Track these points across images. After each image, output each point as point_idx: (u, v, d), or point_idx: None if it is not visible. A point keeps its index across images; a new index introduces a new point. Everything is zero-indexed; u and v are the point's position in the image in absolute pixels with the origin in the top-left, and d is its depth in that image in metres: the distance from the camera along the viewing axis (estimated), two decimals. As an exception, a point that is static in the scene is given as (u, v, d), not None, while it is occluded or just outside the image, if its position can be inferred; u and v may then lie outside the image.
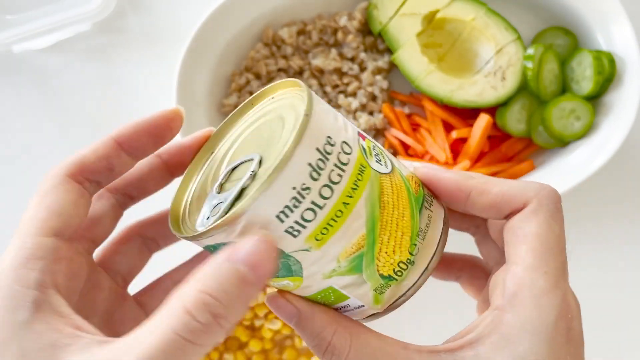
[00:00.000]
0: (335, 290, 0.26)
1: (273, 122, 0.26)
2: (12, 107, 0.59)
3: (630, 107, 0.50)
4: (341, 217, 0.24)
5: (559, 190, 0.50)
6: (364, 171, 0.25)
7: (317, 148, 0.23)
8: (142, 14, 0.60)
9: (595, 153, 0.50)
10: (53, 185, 0.25)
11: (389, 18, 0.54)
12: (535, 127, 0.53)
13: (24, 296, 0.21)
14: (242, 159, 0.26)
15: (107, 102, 0.58)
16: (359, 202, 0.24)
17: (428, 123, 0.55)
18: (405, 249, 0.26)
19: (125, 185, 0.28)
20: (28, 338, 0.21)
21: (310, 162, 0.23)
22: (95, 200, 0.28)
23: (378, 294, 0.26)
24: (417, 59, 0.54)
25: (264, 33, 0.56)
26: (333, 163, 0.24)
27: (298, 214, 0.23)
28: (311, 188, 0.23)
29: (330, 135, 0.24)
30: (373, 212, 0.25)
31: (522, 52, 0.53)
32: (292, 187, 0.23)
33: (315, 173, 0.23)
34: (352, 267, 0.25)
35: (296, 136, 0.23)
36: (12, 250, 0.23)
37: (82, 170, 0.26)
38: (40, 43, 0.58)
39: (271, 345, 0.53)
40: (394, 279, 0.26)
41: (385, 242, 0.25)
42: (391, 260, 0.26)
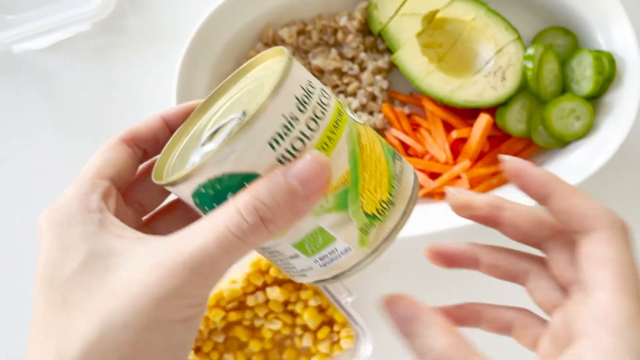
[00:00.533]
0: (323, 231, 0.27)
1: (256, 87, 0.29)
2: (12, 107, 0.59)
3: (630, 107, 0.50)
4: (327, 149, 0.26)
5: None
6: (342, 115, 0.27)
7: (301, 86, 0.26)
8: (142, 14, 0.60)
9: (595, 153, 0.50)
10: (109, 146, 0.30)
11: (389, 18, 0.54)
12: (535, 127, 0.53)
13: (91, 217, 0.26)
14: (226, 119, 0.28)
15: (107, 102, 0.58)
16: (341, 139, 0.26)
17: (428, 123, 0.55)
18: (385, 189, 0.28)
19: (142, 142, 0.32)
20: (98, 242, 0.25)
21: (296, 95, 0.25)
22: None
23: (364, 234, 0.28)
24: (417, 59, 0.54)
25: (264, 33, 0.56)
26: (316, 101, 0.26)
27: (288, 142, 0.25)
28: (299, 119, 0.25)
29: (311, 80, 0.27)
30: (354, 149, 0.27)
31: (522, 52, 0.53)
32: (282, 114, 0.25)
33: (301, 106, 0.25)
34: (338, 203, 0.26)
35: (284, 71, 0.25)
36: (74, 187, 0.28)
37: (134, 138, 0.30)
38: (40, 43, 0.58)
39: (271, 345, 0.53)
40: (378, 218, 0.28)
41: (367, 179, 0.27)
42: (374, 198, 0.27)
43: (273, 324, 0.52)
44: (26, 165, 0.58)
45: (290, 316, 0.52)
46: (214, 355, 0.52)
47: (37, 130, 0.59)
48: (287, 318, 0.52)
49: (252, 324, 0.53)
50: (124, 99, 0.59)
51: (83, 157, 0.61)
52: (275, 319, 0.52)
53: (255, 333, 0.53)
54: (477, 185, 0.53)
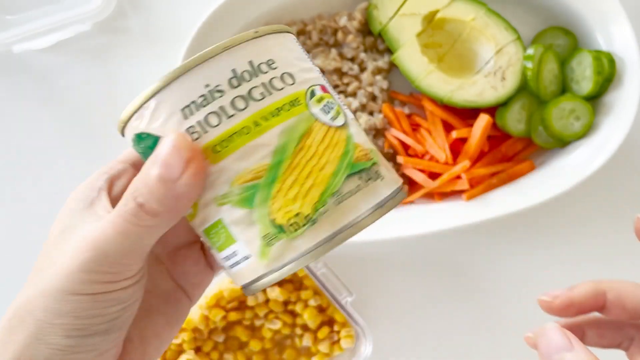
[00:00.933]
0: (224, 228, 0.25)
1: None
2: (12, 107, 0.59)
3: (630, 107, 0.50)
4: (247, 135, 0.24)
5: (559, 190, 0.50)
6: (295, 105, 0.24)
7: (251, 61, 0.24)
8: (142, 14, 0.60)
9: (595, 153, 0.50)
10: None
11: (389, 18, 0.54)
12: (535, 127, 0.53)
13: (87, 195, 0.28)
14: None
15: (107, 102, 0.58)
16: (273, 129, 0.24)
17: (428, 123, 0.55)
18: (310, 202, 0.24)
19: None
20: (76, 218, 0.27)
21: (235, 68, 0.23)
22: None
23: (265, 245, 0.25)
24: (417, 59, 0.54)
25: (264, 33, 0.56)
26: (261, 82, 0.24)
27: (202, 114, 0.23)
28: (225, 92, 0.23)
29: (275, 60, 0.24)
30: (286, 146, 0.24)
31: (522, 52, 0.53)
32: (205, 84, 0.23)
33: (235, 80, 0.23)
34: (244, 198, 0.24)
35: (231, 41, 0.23)
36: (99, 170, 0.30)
37: None
38: (40, 43, 0.58)
39: (271, 345, 0.53)
40: (285, 231, 0.24)
41: (288, 184, 0.24)
42: (288, 208, 0.24)
43: (273, 323, 0.52)
44: (26, 165, 0.58)
45: (290, 316, 0.52)
46: (214, 355, 0.52)
47: (37, 130, 0.59)
48: (287, 318, 0.52)
49: (252, 324, 0.53)
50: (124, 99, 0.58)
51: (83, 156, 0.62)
52: (275, 318, 0.52)
53: (255, 333, 0.53)
54: (477, 185, 0.53)
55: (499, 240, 0.56)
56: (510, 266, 0.56)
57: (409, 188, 0.55)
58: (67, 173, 0.58)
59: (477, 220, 0.50)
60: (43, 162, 0.58)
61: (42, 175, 0.58)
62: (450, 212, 0.52)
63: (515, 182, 0.53)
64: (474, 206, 0.52)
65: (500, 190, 0.53)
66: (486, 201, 0.52)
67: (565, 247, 0.56)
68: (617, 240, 0.56)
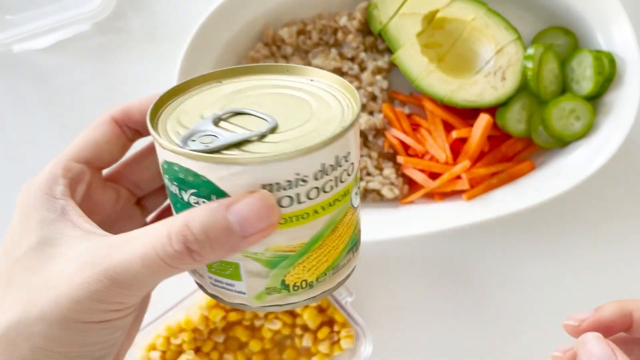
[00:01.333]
0: (236, 269, 0.26)
1: (302, 101, 0.27)
2: (12, 107, 0.59)
3: (630, 107, 0.50)
4: (304, 219, 0.25)
5: (559, 190, 0.50)
6: (345, 197, 0.26)
7: (337, 156, 0.24)
8: (142, 14, 0.60)
9: (595, 153, 0.50)
10: (98, 124, 0.30)
11: (389, 18, 0.54)
12: (535, 127, 0.53)
13: (54, 203, 0.26)
14: (254, 112, 0.26)
15: (107, 102, 0.58)
16: (323, 217, 0.25)
17: (428, 123, 0.55)
18: (317, 274, 0.27)
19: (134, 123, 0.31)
20: (52, 230, 0.26)
21: (324, 162, 0.24)
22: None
23: (265, 294, 0.27)
24: (417, 59, 0.54)
25: (264, 33, 0.56)
26: (335, 176, 0.25)
27: (279, 195, 0.24)
28: (307, 183, 0.24)
29: (350, 152, 0.25)
30: (325, 231, 0.26)
31: (522, 52, 0.53)
32: (296, 172, 0.23)
33: (320, 174, 0.24)
34: (270, 261, 0.26)
35: (331, 137, 0.24)
36: (48, 169, 0.29)
37: (125, 117, 0.30)
38: (40, 43, 0.58)
39: (271, 345, 0.53)
40: (289, 290, 0.27)
41: (311, 259, 0.26)
42: (301, 276, 0.26)
43: (273, 324, 0.52)
44: (26, 164, 0.58)
45: (290, 316, 0.52)
46: (214, 355, 0.52)
47: (37, 130, 0.59)
48: (287, 318, 0.52)
49: (252, 324, 0.53)
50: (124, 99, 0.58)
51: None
52: (275, 319, 0.52)
53: (255, 333, 0.53)
54: (477, 185, 0.53)
55: (499, 240, 0.56)
56: (511, 266, 0.56)
57: (409, 188, 0.55)
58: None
59: (477, 220, 0.50)
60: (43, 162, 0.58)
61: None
62: (450, 212, 0.52)
63: (515, 182, 0.53)
64: (474, 206, 0.52)
65: (500, 190, 0.53)
66: (486, 201, 0.52)
67: (565, 247, 0.56)
68: (617, 240, 0.56)
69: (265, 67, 0.30)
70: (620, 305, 0.30)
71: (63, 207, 0.26)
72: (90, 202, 0.29)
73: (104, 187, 0.31)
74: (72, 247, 0.25)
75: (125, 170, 0.32)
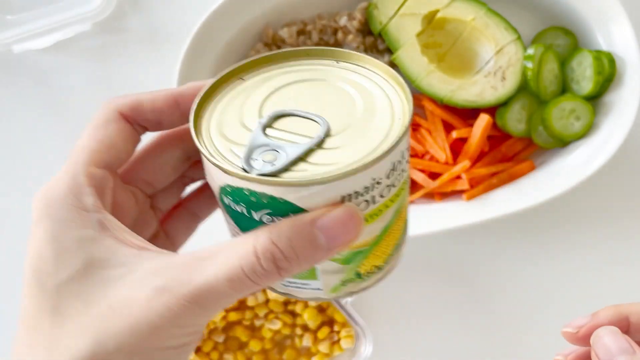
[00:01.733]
0: (313, 271, 0.26)
1: (339, 90, 0.26)
2: (12, 107, 0.59)
3: (630, 107, 0.50)
4: (377, 215, 0.25)
5: (559, 190, 0.50)
6: (405, 185, 0.26)
7: (402, 151, 0.24)
8: (142, 14, 0.60)
9: (595, 153, 0.50)
10: (106, 120, 0.27)
11: (389, 18, 0.54)
12: (535, 127, 0.53)
13: (88, 218, 0.24)
14: (298, 112, 0.25)
15: (107, 102, 0.58)
16: (391, 208, 0.25)
17: (428, 123, 0.55)
18: (385, 256, 0.27)
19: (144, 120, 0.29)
20: (98, 249, 0.23)
21: (394, 161, 0.24)
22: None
23: (341, 285, 0.27)
24: (417, 59, 0.54)
25: (264, 33, 0.56)
26: (401, 168, 0.25)
27: (357, 201, 0.23)
28: (381, 184, 0.24)
29: (408, 141, 0.25)
30: (393, 219, 0.26)
31: (522, 52, 0.53)
32: (372, 177, 0.23)
33: (390, 172, 0.24)
34: (347, 259, 0.26)
35: (399, 136, 0.23)
36: (67, 176, 0.25)
37: (136, 115, 0.27)
38: (40, 43, 0.58)
39: (271, 345, 0.53)
40: (362, 278, 0.27)
41: (381, 246, 0.26)
42: (373, 262, 0.27)
43: (273, 323, 0.52)
44: (26, 165, 0.58)
45: (290, 316, 0.52)
46: (214, 355, 0.52)
47: (37, 130, 0.59)
48: (287, 318, 0.52)
49: (252, 324, 0.53)
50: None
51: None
52: (275, 318, 0.52)
53: (255, 333, 0.53)
54: (477, 185, 0.53)
55: (499, 240, 0.56)
56: (511, 266, 0.56)
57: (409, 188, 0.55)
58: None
59: (477, 220, 0.50)
60: (43, 162, 0.58)
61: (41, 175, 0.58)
62: (450, 212, 0.52)
63: (515, 182, 0.53)
64: (474, 206, 0.52)
65: (500, 190, 0.53)
66: (486, 201, 0.52)
67: (565, 247, 0.56)
68: (617, 240, 0.56)
69: (284, 54, 0.28)
70: (617, 310, 0.30)
71: (100, 221, 0.24)
72: (116, 210, 0.27)
73: (125, 191, 0.28)
74: (132, 268, 0.23)
75: (138, 169, 0.29)
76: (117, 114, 0.27)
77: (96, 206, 0.24)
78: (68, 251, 0.23)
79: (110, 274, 0.23)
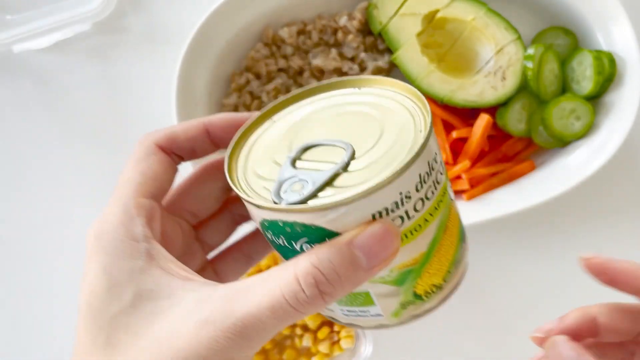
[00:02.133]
0: (367, 296, 0.26)
1: (363, 114, 0.27)
2: (12, 107, 0.59)
3: (630, 107, 0.50)
4: (418, 231, 0.25)
5: (559, 190, 0.50)
6: (445, 194, 0.26)
7: (428, 161, 0.24)
8: (142, 14, 0.60)
9: (595, 153, 0.50)
10: (147, 154, 0.28)
11: (389, 18, 0.54)
12: (536, 127, 0.53)
13: (138, 248, 0.24)
14: (324, 141, 0.26)
15: (107, 102, 0.58)
16: (434, 222, 0.25)
17: (428, 123, 0.55)
18: (442, 274, 0.27)
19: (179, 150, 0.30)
20: (146, 281, 0.24)
21: (420, 172, 0.24)
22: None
23: (401, 309, 0.27)
24: (417, 59, 0.54)
25: (264, 33, 0.56)
26: (432, 180, 0.24)
27: (390, 217, 0.23)
28: (411, 198, 0.24)
29: (437, 152, 0.25)
30: (438, 233, 0.26)
31: (522, 52, 0.53)
32: (399, 191, 0.23)
33: (419, 185, 0.24)
34: (397, 279, 0.25)
35: (420, 147, 0.23)
36: (117, 208, 0.26)
37: (172, 145, 0.28)
38: (40, 43, 0.58)
39: (271, 345, 0.53)
40: (422, 299, 0.27)
41: (433, 263, 0.26)
42: (429, 281, 0.26)
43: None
44: (26, 164, 0.58)
45: (290, 316, 0.52)
46: (214, 355, 0.52)
47: (37, 130, 0.59)
48: (287, 318, 0.52)
49: (252, 324, 0.53)
50: (124, 99, 0.59)
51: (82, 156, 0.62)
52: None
53: (255, 333, 0.53)
54: (477, 185, 0.53)
55: (499, 240, 0.56)
56: (510, 266, 0.56)
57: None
58: (67, 173, 0.58)
59: (477, 220, 0.50)
60: (43, 162, 0.58)
61: (41, 175, 0.58)
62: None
63: (516, 182, 0.53)
64: (474, 206, 0.52)
65: (500, 190, 0.53)
66: (486, 201, 0.52)
67: (565, 247, 0.56)
68: (617, 240, 0.56)
69: (309, 91, 0.29)
70: (583, 312, 0.30)
71: (148, 251, 0.24)
72: (163, 240, 0.27)
73: (171, 221, 0.29)
74: (177, 300, 0.23)
75: (181, 200, 0.30)
76: (155, 147, 0.28)
77: (145, 236, 0.25)
78: (119, 283, 0.24)
79: (157, 306, 0.23)
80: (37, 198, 0.58)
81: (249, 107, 0.55)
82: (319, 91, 0.29)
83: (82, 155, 0.58)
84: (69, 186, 0.58)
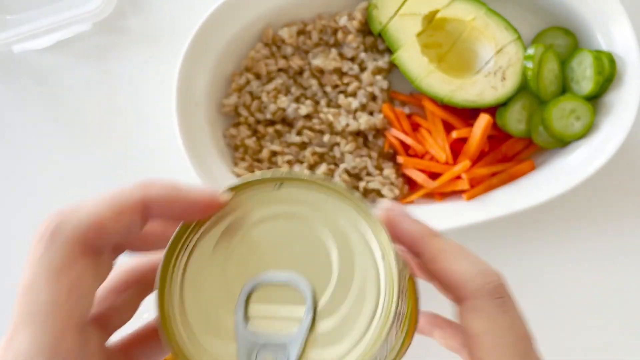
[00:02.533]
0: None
1: (303, 235, 0.23)
2: (12, 107, 0.59)
3: (630, 107, 0.50)
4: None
5: (559, 190, 0.50)
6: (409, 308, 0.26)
7: (397, 309, 0.23)
8: (142, 14, 0.60)
9: (595, 153, 0.50)
10: (70, 261, 0.21)
11: (389, 18, 0.54)
12: (536, 127, 0.53)
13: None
14: (273, 279, 0.22)
15: (106, 102, 0.58)
16: (402, 336, 0.26)
17: (428, 123, 0.55)
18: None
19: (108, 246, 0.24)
20: None
21: (395, 331, 0.23)
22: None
23: None
24: (417, 59, 0.54)
25: (264, 33, 0.56)
26: (401, 320, 0.24)
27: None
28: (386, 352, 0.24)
29: (402, 288, 0.23)
30: (406, 337, 0.26)
31: (522, 52, 0.53)
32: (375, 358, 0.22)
33: (392, 340, 0.24)
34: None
35: (395, 306, 0.22)
36: (34, 341, 0.20)
37: (101, 239, 0.22)
38: (40, 43, 0.58)
39: (271, 345, 0.53)
40: None
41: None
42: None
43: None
44: (26, 164, 0.58)
45: (290, 316, 0.52)
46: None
47: (37, 129, 0.59)
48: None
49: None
50: (124, 99, 0.59)
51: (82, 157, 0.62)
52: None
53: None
54: (477, 185, 0.53)
55: (499, 240, 0.56)
56: (511, 266, 0.56)
57: (409, 188, 0.55)
58: (67, 172, 0.58)
59: (477, 220, 0.50)
60: (43, 162, 0.58)
61: (41, 174, 0.58)
62: (450, 212, 0.52)
63: (515, 182, 0.53)
64: (474, 206, 0.52)
65: (500, 190, 0.53)
66: (486, 201, 0.52)
67: (565, 246, 0.56)
68: (617, 239, 0.56)
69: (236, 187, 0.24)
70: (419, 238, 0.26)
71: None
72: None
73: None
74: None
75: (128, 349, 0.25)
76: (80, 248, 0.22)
77: None
78: None
79: None
80: (37, 198, 0.58)
81: (249, 107, 0.55)
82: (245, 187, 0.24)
83: (82, 155, 0.58)
84: (69, 186, 0.58)
